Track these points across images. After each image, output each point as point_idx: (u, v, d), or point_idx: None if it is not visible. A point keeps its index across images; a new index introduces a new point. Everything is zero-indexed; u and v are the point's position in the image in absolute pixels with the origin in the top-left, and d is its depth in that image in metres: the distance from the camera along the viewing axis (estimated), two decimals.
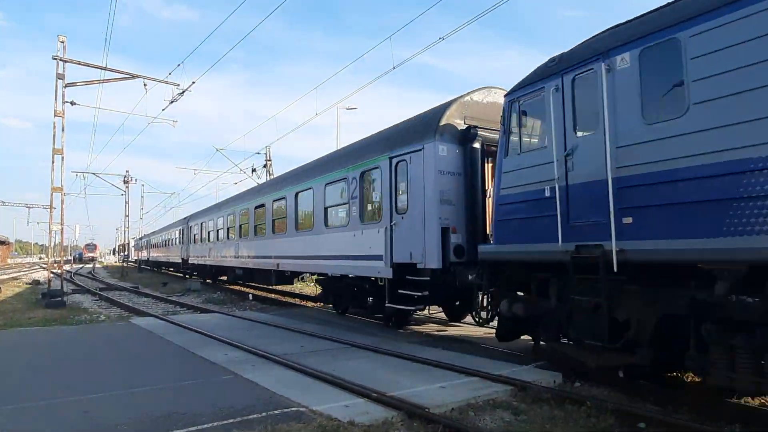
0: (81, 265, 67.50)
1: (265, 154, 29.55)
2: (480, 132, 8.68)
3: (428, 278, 8.65)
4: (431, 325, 11.15)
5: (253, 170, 29.72)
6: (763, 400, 5.69)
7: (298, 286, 19.86)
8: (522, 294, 7.15)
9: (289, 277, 15.95)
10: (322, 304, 15.12)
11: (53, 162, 16.12)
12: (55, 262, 20.34)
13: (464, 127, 8.79)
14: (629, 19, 5.73)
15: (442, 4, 12.12)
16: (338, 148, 15.99)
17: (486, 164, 8.79)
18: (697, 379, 6.43)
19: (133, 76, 18.11)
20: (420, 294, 8.81)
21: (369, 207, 10.55)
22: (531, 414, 4.98)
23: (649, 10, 5.54)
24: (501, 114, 7.17)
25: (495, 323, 7.78)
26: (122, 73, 18.15)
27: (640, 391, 5.77)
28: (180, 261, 30.90)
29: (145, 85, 18.15)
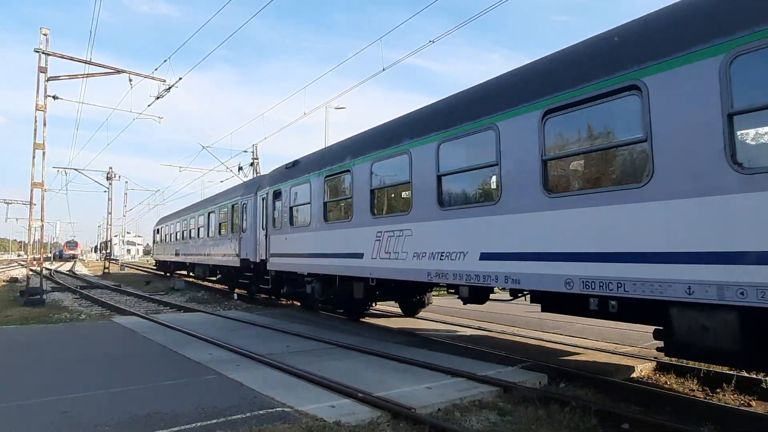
0: (61, 263, 66.19)
1: (253, 152, 29.33)
2: None
3: None
4: None
5: (240, 168, 29.47)
6: (741, 400, 5.80)
7: None
8: None
9: None
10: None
11: (34, 157, 15.78)
12: (35, 259, 19.89)
13: None
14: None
15: (432, 7, 12.15)
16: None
17: None
18: (680, 380, 6.54)
19: (119, 71, 17.81)
20: None
21: None
22: (516, 415, 5.01)
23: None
24: None
25: None
26: (107, 67, 17.84)
27: (624, 393, 5.84)
28: None
29: (130, 80, 17.88)
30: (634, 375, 6.83)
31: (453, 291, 8.05)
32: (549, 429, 4.64)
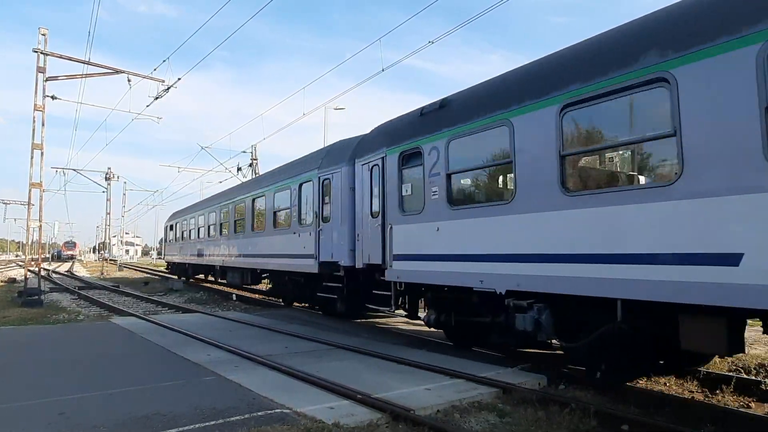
0: (60, 264, 66.04)
1: (251, 152, 29.32)
2: None
3: None
4: None
5: (239, 169, 29.47)
6: (741, 402, 5.80)
7: None
8: None
9: None
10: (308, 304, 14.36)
11: (32, 157, 15.74)
12: (33, 259, 19.84)
13: None
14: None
15: (432, 7, 12.14)
16: None
17: None
18: (679, 381, 6.53)
19: (118, 72, 17.80)
20: None
21: None
22: (516, 416, 4.99)
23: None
24: None
25: None
26: (106, 68, 17.82)
27: (624, 394, 5.83)
28: None
29: (129, 80, 17.86)
30: None
31: None
32: (548, 430, 4.63)
